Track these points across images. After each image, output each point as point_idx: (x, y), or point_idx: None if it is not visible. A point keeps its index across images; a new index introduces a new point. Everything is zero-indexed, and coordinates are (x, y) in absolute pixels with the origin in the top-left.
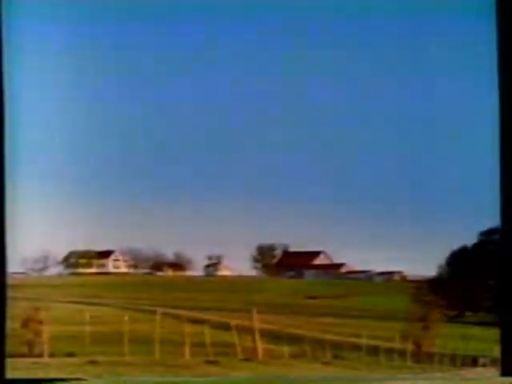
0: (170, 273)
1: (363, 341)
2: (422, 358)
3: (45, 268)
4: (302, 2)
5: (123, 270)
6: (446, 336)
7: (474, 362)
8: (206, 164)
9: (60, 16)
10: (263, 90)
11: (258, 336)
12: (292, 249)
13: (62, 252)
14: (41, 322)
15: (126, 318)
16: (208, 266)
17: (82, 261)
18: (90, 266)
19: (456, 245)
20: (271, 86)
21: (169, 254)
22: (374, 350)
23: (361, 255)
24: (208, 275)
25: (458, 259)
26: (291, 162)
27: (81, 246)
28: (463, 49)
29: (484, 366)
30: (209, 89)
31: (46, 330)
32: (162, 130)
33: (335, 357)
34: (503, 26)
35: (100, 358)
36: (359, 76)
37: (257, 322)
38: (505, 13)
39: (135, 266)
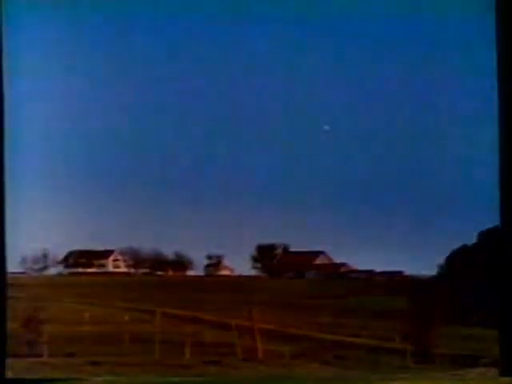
0: (170, 273)
1: (363, 341)
2: (422, 358)
3: (44, 268)
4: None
5: (123, 269)
6: (446, 336)
7: (474, 361)
8: (206, 164)
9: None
10: (266, 89)
11: (258, 336)
12: (292, 249)
13: (61, 251)
14: (41, 322)
15: (126, 318)
16: (208, 266)
17: (82, 260)
18: (89, 265)
19: (456, 245)
20: (273, 86)
21: (169, 254)
22: (374, 350)
23: (361, 255)
24: (208, 275)
25: (458, 259)
26: (291, 162)
27: (80, 246)
28: (463, 49)
29: (484, 366)
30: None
31: (46, 330)
32: (161, 130)
33: (335, 357)
34: (503, 25)
35: (100, 358)
36: (358, 76)
37: (257, 321)
38: (505, 13)
39: (135, 266)
